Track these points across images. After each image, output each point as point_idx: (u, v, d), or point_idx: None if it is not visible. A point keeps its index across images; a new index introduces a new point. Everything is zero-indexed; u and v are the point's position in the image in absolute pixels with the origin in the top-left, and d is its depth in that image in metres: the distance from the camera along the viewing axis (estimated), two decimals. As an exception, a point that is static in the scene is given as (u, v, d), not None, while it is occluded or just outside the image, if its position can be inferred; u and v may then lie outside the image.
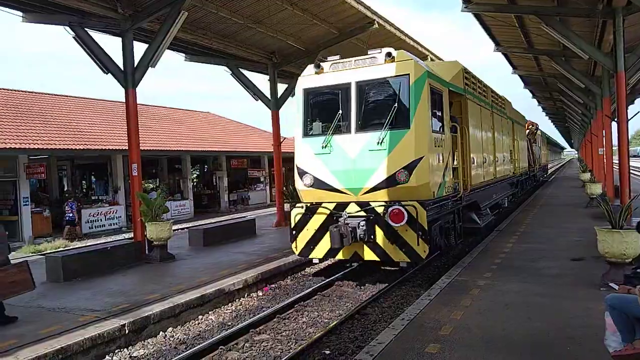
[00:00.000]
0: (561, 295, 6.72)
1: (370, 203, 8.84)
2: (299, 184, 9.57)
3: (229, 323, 7.55)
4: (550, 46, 17.18)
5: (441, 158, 9.52)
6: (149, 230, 10.72)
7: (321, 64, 9.72)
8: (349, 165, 9.02)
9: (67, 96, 26.73)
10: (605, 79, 17.05)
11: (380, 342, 5.32)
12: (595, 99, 20.96)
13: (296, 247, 9.54)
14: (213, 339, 6.66)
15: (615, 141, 16.89)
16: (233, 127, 34.61)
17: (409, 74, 8.80)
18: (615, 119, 11.77)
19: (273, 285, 9.61)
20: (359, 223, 8.71)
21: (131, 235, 12.95)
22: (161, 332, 7.11)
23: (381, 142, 8.75)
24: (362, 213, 8.84)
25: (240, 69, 16.21)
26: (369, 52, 9.40)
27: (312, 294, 8.79)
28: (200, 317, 7.83)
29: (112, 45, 12.23)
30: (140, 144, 12.01)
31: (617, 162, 18.93)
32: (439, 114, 9.65)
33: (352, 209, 8.94)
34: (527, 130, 25.35)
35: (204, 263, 10.56)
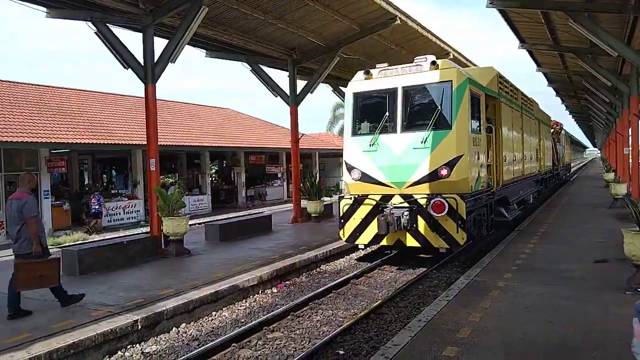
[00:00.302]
0: (584, 298, 6.49)
1: (414, 195, 9.72)
2: (347, 177, 10.56)
3: (243, 320, 7.47)
4: (577, 43, 16.67)
5: (478, 156, 10.38)
6: (165, 225, 10.72)
7: (370, 70, 10.66)
8: (395, 161, 9.91)
9: (87, 91, 27.03)
10: (634, 77, 16.44)
11: (396, 343, 5.17)
12: (622, 97, 20.56)
13: (343, 234, 10.52)
14: (226, 336, 6.59)
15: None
16: (251, 123, 34.66)
17: (451, 81, 9.66)
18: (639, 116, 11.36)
19: (288, 282, 9.51)
20: (402, 213, 9.62)
21: (149, 229, 12.98)
22: (174, 328, 7.06)
23: (425, 141, 9.63)
24: (406, 204, 9.73)
25: (259, 65, 16.14)
26: (414, 60, 10.29)
27: (326, 292, 8.67)
28: (214, 313, 7.76)
29: (129, 41, 12.25)
30: (159, 139, 12.01)
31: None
32: (477, 116, 10.47)
33: (397, 200, 9.86)
34: (552, 130, 25.67)
35: (219, 258, 10.51)
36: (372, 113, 10.49)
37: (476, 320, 5.78)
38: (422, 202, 9.53)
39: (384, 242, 10.10)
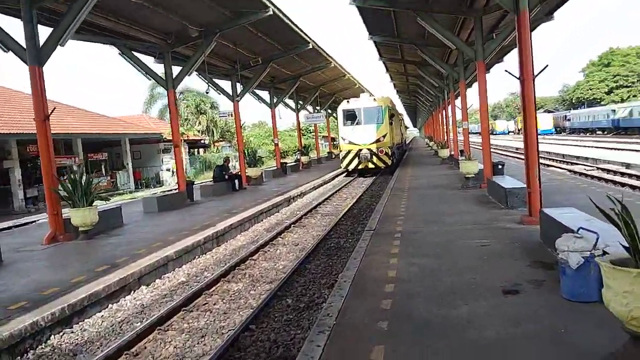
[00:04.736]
0: None
1: (371, 148, 25.22)
2: (342, 142, 26.42)
3: None
4: (415, 37, 18.72)
5: (390, 134, 26.30)
6: None
7: (349, 100, 27.22)
8: (362, 135, 25.39)
9: None
10: (461, 65, 18.56)
11: None
12: (449, 82, 24.16)
13: (342, 164, 25.96)
14: None
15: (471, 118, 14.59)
16: (30, 102, 26.83)
17: (382, 105, 26.11)
18: (520, 77, 8.62)
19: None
20: (367, 154, 25.24)
21: None
22: None
23: (373, 128, 25.53)
24: (368, 152, 25.21)
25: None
26: (361, 95, 28.27)
27: None
28: None
29: None
30: None
31: (459, 138, 17.29)
32: (389, 117, 26.27)
33: (364, 151, 25.26)
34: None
35: None
36: (351, 117, 25.91)
37: None
38: (375, 150, 25.10)
39: (360, 166, 25.32)
